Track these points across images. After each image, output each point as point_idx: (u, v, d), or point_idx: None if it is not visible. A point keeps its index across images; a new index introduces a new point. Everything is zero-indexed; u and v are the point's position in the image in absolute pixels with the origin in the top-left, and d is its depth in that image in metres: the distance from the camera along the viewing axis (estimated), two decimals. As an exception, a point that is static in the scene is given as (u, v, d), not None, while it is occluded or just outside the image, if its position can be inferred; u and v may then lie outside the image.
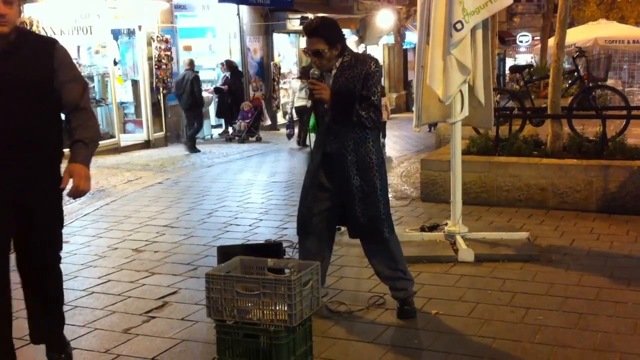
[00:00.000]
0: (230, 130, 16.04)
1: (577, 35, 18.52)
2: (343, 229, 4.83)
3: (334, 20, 4.49)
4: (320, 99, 4.23)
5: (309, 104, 4.32)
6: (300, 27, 19.00)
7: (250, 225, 7.10)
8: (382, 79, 21.59)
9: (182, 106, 13.86)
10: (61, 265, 3.71)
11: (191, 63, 13.78)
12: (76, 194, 3.46)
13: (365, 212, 4.31)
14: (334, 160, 4.34)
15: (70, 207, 8.16)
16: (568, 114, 8.95)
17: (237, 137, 15.30)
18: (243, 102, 16.23)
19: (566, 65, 12.07)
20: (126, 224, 7.21)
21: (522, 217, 7.13)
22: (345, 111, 4.22)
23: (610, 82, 15.87)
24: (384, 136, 15.12)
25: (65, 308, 4.71)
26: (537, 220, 6.96)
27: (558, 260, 5.62)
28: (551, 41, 12.27)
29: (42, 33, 11.54)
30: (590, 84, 10.83)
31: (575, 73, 11.08)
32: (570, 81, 12.08)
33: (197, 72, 13.98)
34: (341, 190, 4.36)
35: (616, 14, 24.95)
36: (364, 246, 4.52)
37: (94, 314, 4.66)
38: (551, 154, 7.83)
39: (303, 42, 20.68)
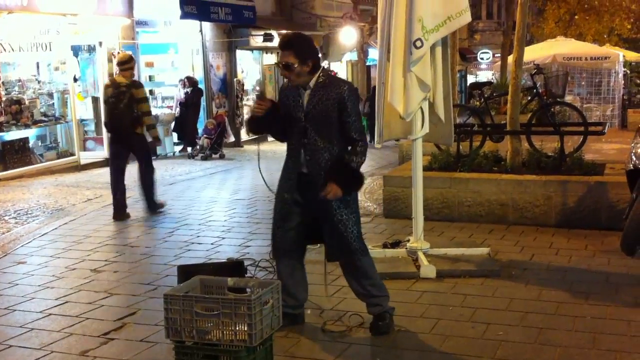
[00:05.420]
0: (189, 149, 15.91)
1: (536, 52, 18.86)
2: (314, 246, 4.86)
3: (309, 37, 4.49)
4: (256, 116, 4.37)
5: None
6: (264, 44, 19.11)
7: (212, 244, 7.03)
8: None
9: None
10: (17, 287, 3.63)
11: None
12: None
13: (344, 235, 4.37)
14: (310, 181, 4.36)
15: (27, 226, 8.01)
16: (527, 130, 9.08)
17: (200, 155, 15.18)
18: (200, 118, 16.27)
19: (527, 82, 12.30)
20: (85, 244, 7.09)
21: (483, 232, 7.19)
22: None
23: (568, 98, 16.19)
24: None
25: (21, 330, 4.65)
26: (497, 236, 7.03)
27: (518, 275, 5.68)
28: (511, 58, 12.44)
29: (0, 49, 11.38)
30: (549, 101, 11.03)
31: (534, 90, 11.27)
32: (529, 97, 12.29)
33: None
34: (317, 211, 4.39)
35: (574, 31, 25.53)
36: (341, 264, 4.56)
37: (51, 336, 4.56)
38: (511, 170, 7.92)
39: (266, 58, 20.96)
